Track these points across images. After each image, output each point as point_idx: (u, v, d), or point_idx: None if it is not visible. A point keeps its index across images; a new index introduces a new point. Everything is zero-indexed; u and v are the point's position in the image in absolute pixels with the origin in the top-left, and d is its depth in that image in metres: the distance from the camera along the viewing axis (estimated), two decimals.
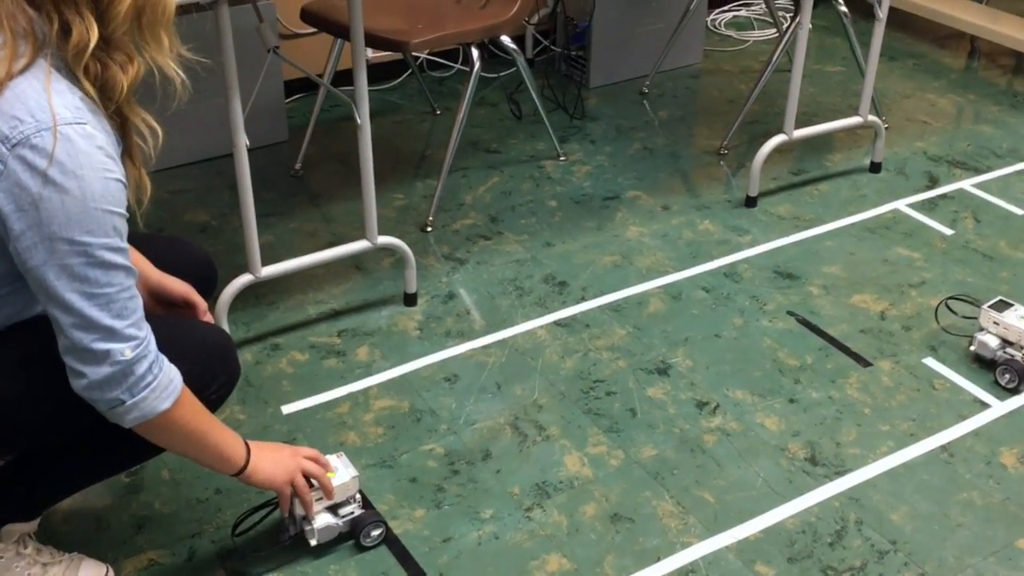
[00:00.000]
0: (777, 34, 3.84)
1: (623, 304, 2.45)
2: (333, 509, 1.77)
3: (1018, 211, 2.82)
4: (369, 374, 2.23)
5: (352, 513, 1.79)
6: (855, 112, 2.94)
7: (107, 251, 1.32)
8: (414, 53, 3.23)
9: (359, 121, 2.20)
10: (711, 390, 2.19)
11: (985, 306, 2.24)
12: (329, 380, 2.21)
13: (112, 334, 1.35)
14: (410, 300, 2.43)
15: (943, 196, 2.89)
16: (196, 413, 1.51)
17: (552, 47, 3.59)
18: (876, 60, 2.84)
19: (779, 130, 2.83)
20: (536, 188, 2.92)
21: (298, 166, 2.98)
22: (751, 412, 2.13)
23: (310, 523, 1.75)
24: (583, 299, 2.46)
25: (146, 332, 1.40)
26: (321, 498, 1.75)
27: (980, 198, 2.88)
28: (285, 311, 2.42)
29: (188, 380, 1.48)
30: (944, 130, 3.25)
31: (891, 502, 1.93)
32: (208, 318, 1.76)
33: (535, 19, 3.52)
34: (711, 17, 3.98)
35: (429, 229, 2.72)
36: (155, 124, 1.41)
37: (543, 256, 2.62)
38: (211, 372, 1.60)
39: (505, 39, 2.80)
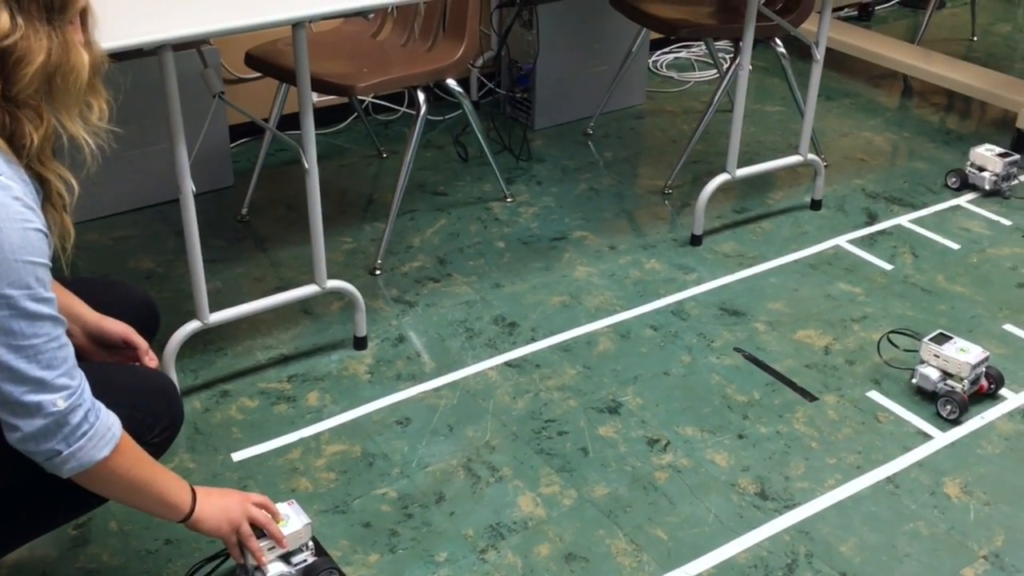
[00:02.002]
0: (717, 75, 3.92)
1: (573, 344, 2.47)
2: (286, 557, 1.74)
3: (954, 246, 2.89)
4: (320, 419, 2.22)
5: (305, 561, 1.76)
6: (795, 151, 3.00)
7: (31, 302, 1.30)
8: (360, 97, 3.25)
9: (307, 166, 2.20)
10: (661, 427, 2.21)
11: (925, 340, 2.29)
12: (279, 426, 2.20)
13: (42, 385, 1.33)
14: (360, 344, 2.43)
15: (882, 232, 2.96)
16: (136, 460, 1.49)
17: (497, 90, 3.63)
18: (815, 100, 2.91)
19: (722, 169, 2.88)
20: (484, 230, 2.94)
21: (244, 211, 2.97)
22: (701, 448, 2.15)
23: (263, 573, 1.73)
24: (533, 339, 2.48)
25: (79, 380, 1.38)
26: (274, 547, 1.73)
27: (917, 233, 2.95)
28: (234, 357, 2.40)
29: (129, 425, 1.46)
30: (881, 167, 3.33)
31: (840, 534, 1.95)
32: (151, 358, 1.73)
33: (480, 62, 3.56)
34: (653, 59, 4.05)
35: (378, 272, 2.72)
36: (71, 179, 1.40)
37: (492, 297, 2.63)
38: (153, 416, 1.58)
39: (451, 82, 2.83)
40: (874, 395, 2.31)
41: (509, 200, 3.09)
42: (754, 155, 3.31)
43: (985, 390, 2.29)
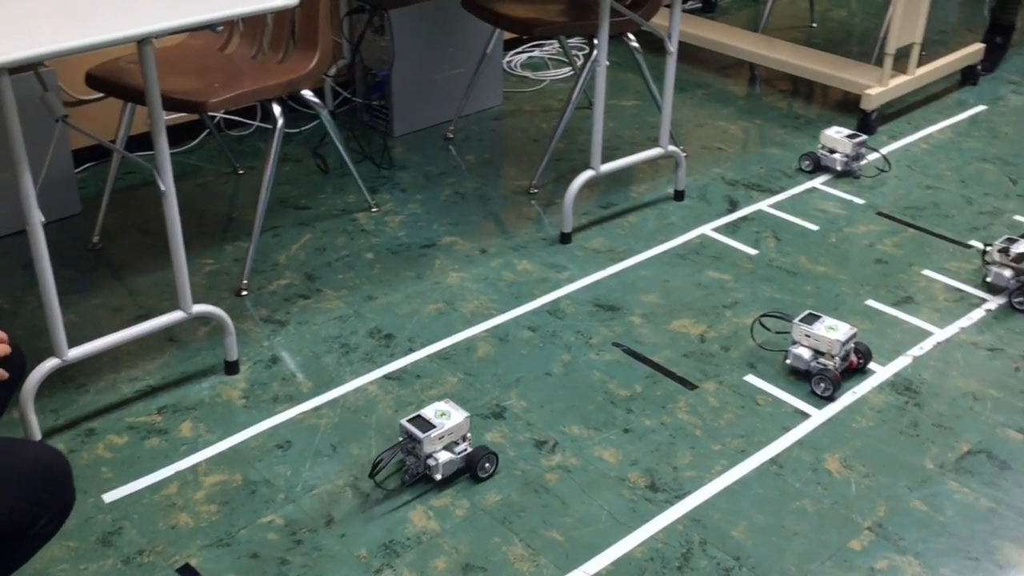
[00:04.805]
0: (572, 72, 3.95)
1: (451, 351, 2.43)
2: (450, 447, 2.02)
3: (813, 227, 2.97)
4: (195, 450, 2.12)
5: (466, 450, 2.04)
6: (654, 143, 3.04)
7: None
8: (211, 113, 3.14)
9: (163, 187, 2.10)
10: (548, 428, 2.20)
11: (796, 320, 2.35)
12: (153, 461, 2.09)
13: None
14: (232, 368, 2.34)
15: (744, 218, 3.02)
16: None
17: (352, 98, 3.56)
18: (671, 92, 2.95)
19: (585, 166, 2.89)
20: (351, 241, 2.88)
21: (96, 239, 2.83)
22: (589, 446, 2.15)
23: (435, 459, 1.99)
24: (411, 350, 2.43)
25: None
26: (443, 436, 2.00)
27: (777, 217, 3.03)
28: (97, 393, 2.28)
29: (12, 518, 1.33)
30: (737, 155, 3.41)
31: (731, 519, 1.98)
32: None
33: (333, 71, 3.49)
34: (507, 59, 4.05)
35: (244, 293, 2.63)
36: None
37: (365, 310, 2.58)
38: (39, 504, 1.44)
39: (306, 93, 2.76)
40: (751, 379, 2.35)
41: (374, 210, 3.03)
42: (615, 150, 3.34)
43: (855, 365, 2.36)
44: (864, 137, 3.26)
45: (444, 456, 2.01)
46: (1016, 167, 3.31)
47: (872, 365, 2.40)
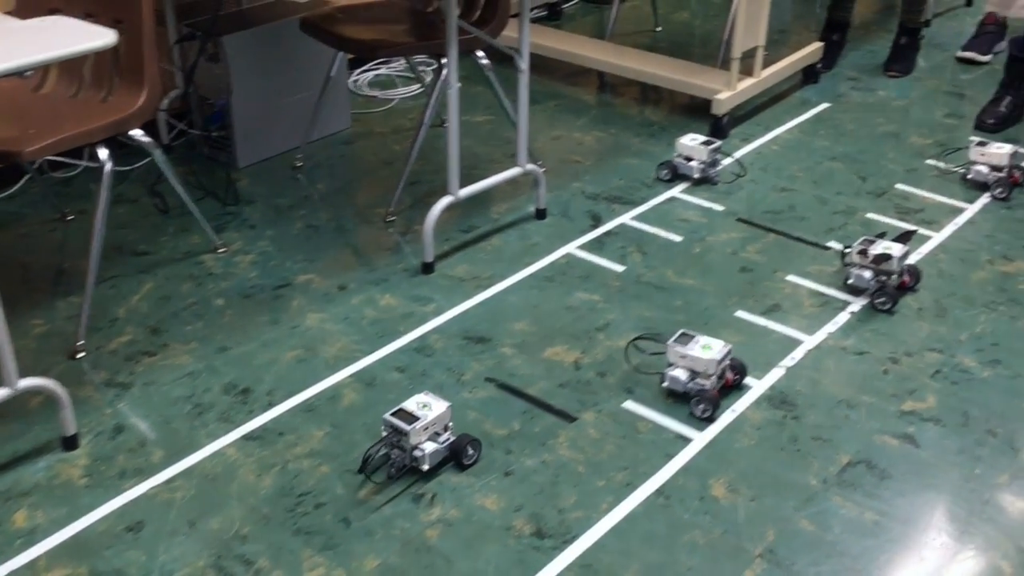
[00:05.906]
0: (421, 88, 3.83)
1: (316, 402, 2.28)
2: (433, 438, 2.06)
3: (677, 238, 2.93)
4: (32, 543, 1.91)
5: (449, 439, 2.08)
6: (511, 160, 2.95)
7: None
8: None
9: None
10: (425, 479, 2.07)
11: (670, 342, 2.29)
12: None
13: None
14: (70, 443, 2.13)
15: (608, 233, 2.96)
16: None
17: (189, 130, 3.35)
18: (526, 111, 2.86)
19: (442, 188, 2.78)
20: (198, 288, 2.69)
21: None
22: (469, 495, 2.04)
23: (421, 451, 2.02)
24: (271, 404, 2.27)
25: None
26: (427, 427, 2.03)
27: (641, 230, 2.97)
28: None
29: None
30: (596, 167, 3.35)
31: (622, 560, 1.89)
32: None
33: (165, 103, 3.27)
34: (353, 79, 3.90)
35: (81, 355, 2.41)
36: None
37: (219, 363, 2.40)
38: None
39: (135, 132, 2.55)
40: (630, 405, 2.28)
41: (222, 250, 2.84)
42: (471, 169, 3.23)
43: (732, 382, 2.31)
44: (719, 143, 3.24)
45: (429, 447, 2.05)
46: (863, 164, 3.35)
47: (748, 380, 2.36)
